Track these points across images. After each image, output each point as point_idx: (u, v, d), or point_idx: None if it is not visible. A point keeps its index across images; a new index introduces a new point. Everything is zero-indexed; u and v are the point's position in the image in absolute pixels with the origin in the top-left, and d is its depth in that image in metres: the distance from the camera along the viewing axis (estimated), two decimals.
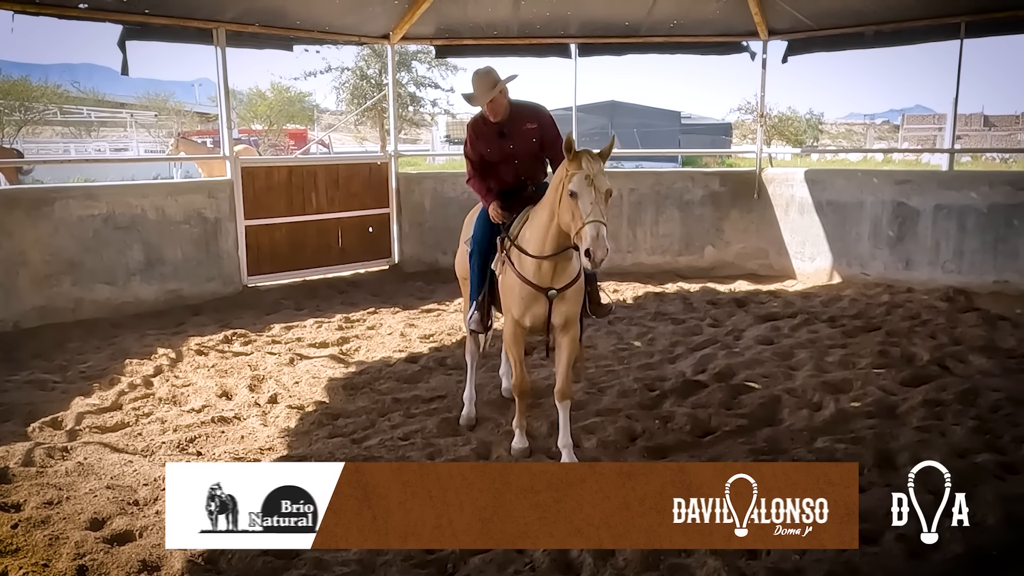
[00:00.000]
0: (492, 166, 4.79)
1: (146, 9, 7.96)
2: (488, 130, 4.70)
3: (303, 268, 9.53)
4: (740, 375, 5.94)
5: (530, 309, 4.40)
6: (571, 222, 3.91)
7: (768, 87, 10.27)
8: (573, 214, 3.88)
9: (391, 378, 6.14)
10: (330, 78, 30.14)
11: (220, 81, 8.75)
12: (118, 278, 8.09)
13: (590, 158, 3.93)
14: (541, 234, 4.22)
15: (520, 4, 9.47)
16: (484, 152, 4.75)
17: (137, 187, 9.30)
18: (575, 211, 3.86)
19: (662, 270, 10.20)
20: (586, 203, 3.82)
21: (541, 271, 4.28)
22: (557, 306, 4.37)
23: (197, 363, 6.53)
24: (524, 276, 4.33)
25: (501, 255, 4.54)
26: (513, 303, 4.44)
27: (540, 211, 4.27)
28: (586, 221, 3.79)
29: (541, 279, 4.30)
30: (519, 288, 4.37)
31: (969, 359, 6.20)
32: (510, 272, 4.44)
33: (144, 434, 5.03)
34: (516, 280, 4.38)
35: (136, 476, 4.34)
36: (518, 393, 4.67)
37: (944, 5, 8.60)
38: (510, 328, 4.53)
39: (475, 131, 4.77)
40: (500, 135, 4.66)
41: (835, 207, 9.60)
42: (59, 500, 4.03)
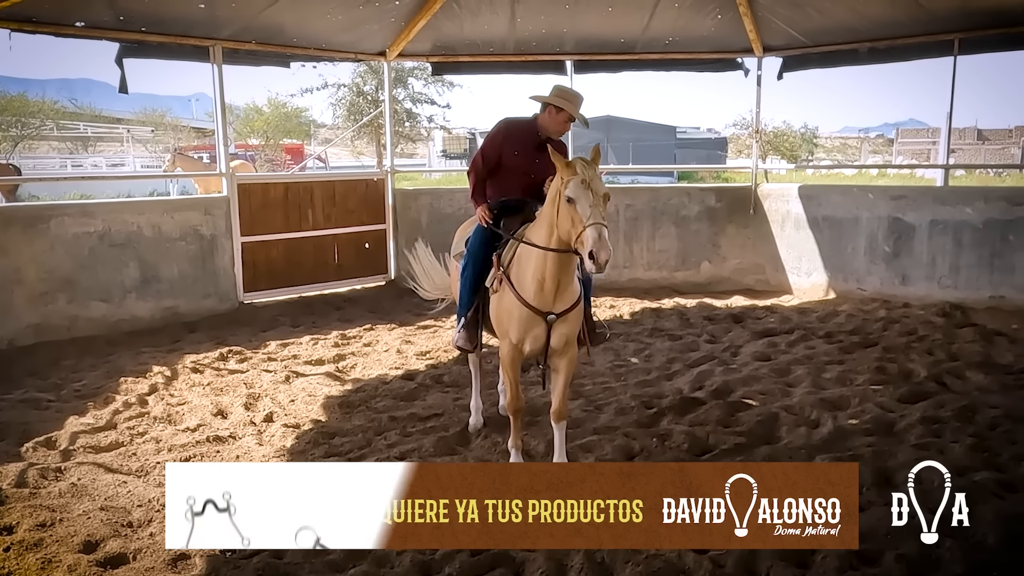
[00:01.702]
0: (504, 172, 4.70)
1: (143, 27, 7.97)
2: (529, 139, 4.61)
3: (299, 284, 9.51)
4: (738, 392, 5.93)
5: (530, 333, 4.32)
6: (571, 228, 3.86)
7: (763, 102, 10.31)
8: (573, 220, 3.84)
9: (387, 396, 6.11)
10: (327, 94, 30.18)
11: (217, 98, 8.75)
12: (114, 295, 8.06)
13: (584, 163, 3.91)
14: (542, 247, 4.13)
15: (516, 21, 9.51)
16: (511, 155, 4.64)
17: (133, 204, 9.31)
18: (574, 216, 3.82)
19: (659, 286, 10.20)
20: (584, 206, 3.80)
21: (543, 293, 4.20)
22: (557, 328, 4.30)
23: (192, 381, 6.50)
24: (524, 299, 4.24)
25: (498, 272, 4.43)
26: (512, 326, 4.34)
27: (537, 229, 4.20)
28: (587, 224, 3.76)
29: (543, 302, 4.22)
30: (518, 311, 4.27)
31: (967, 375, 6.20)
32: (508, 293, 4.33)
33: (139, 454, 4.99)
34: (515, 303, 4.28)
35: (130, 497, 4.30)
36: (513, 412, 4.62)
37: (937, 22, 8.64)
38: (507, 351, 4.44)
39: (510, 134, 4.66)
40: (539, 148, 4.52)
41: (831, 222, 9.61)
42: (52, 522, 3.99)
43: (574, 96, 4.57)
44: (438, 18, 9.35)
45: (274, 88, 53.58)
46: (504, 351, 4.48)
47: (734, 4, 9.07)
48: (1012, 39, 8.58)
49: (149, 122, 39.28)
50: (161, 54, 8.41)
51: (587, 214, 3.78)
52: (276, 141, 35.67)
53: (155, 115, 39.67)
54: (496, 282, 4.45)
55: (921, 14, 8.48)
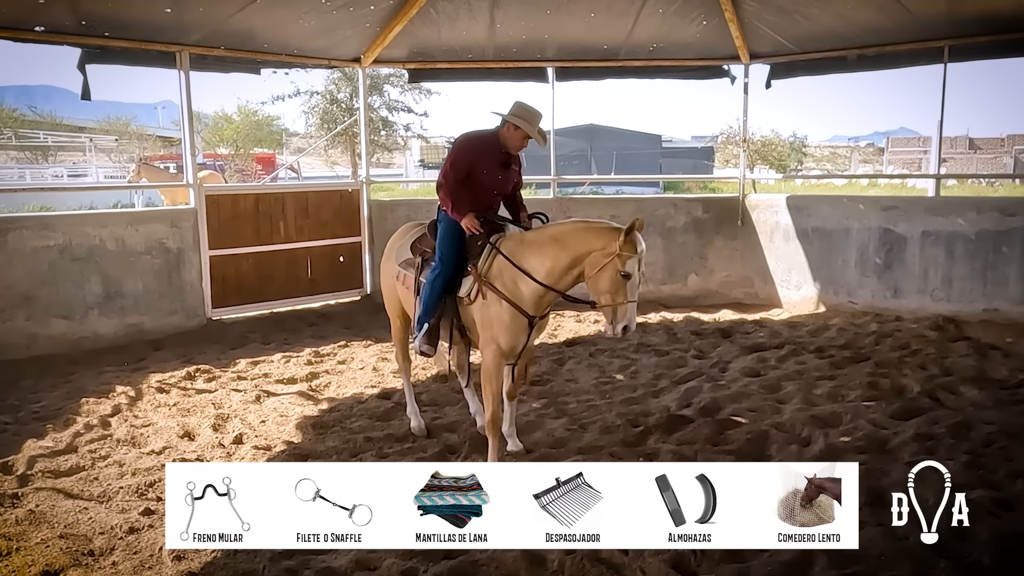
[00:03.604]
0: (471, 188, 4.88)
1: (106, 32, 7.94)
2: (495, 156, 4.89)
3: (271, 300, 9.46)
4: (726, 409, 5.95)
5: (519, 338, 4.70)
6: (610, 294, 4.35)
7: (751, 110, 10.41)
8: (617, 291, 4.34)
9: (363, 416, 6.08)
10: (299, 102, 30.14)
11: (183, 106, 8.72)
12: (75, 312, 7.98)
13: (641, 241, 4.35)
14: (555, 274, 4.54)
15: (496, 27, 9.55)
16: (480, 173, 4.87)
17: (96, 216, 9.24)
18: (621, 289, 4.33)
19: (644, 299, 10.04)
20: (633, 287, 4.34)
21: (542, 301, 4.64)
22: (536, 330, 4.82)
23: (158, 401, 6.44)
24: (521, 306, 4.61)
25: (474, 283, 4.70)
26: (502, 334, 4.66)
27: (556, 252, 4.52)
28: (629, 300, 4.34)
29: (539, 309, 4.66)
30: (511, 318, 4.63)
31: (960, 390, 6.26)
32: (496, 302, 4.64)
33: (100, 479, 4.93)
34: (508, 310, 4.62)
35: (91, 524, 4.25)
36: (494, 429, 4.84)
37: (927, 29, 8.77)
38: (495, 359, 4.72)
39: (478, 150, 4.90)
40: (504, 165, 4.91)
41: (821, 234, 9.70)
42: (8, 551, 3.92)
43: (533, 115, 4.82)
44: (415, 24, 9.37)
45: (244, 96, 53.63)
46: (490, 359, 4.74)
47: (720, 10, 9.17)
48: (1003, 46, 8.71)
49: (113, 131, 39.07)
50: (125, 60, 8.39)
51: (633, 294, 4.35)
52: (246, 150, 35.56)
53: (119, 123, 39.49)
54: (475, 292, 4.71)
55: (909, 20, 8.60)
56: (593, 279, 4.41)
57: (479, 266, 4.73)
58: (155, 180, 18.03)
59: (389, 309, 5.80)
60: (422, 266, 5.12)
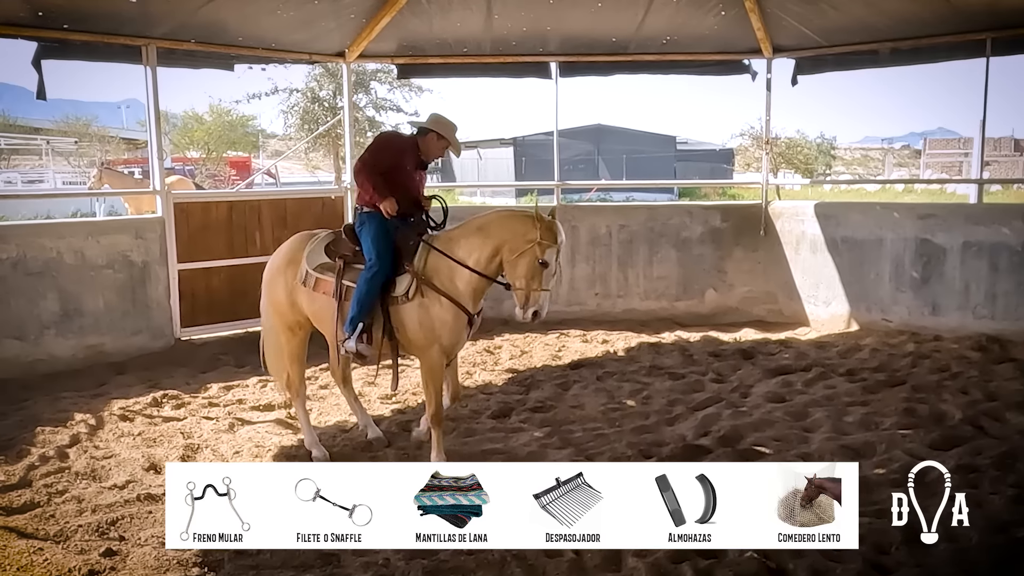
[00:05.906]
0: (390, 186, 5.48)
1: (65, 24, 7.96)
2: (413, 159, 5.66)
3: (245, 318, 9.41)
4: (748, 439, 5.95)
5: (460, 335, 5.38)
6: (526, 280, 4.99)
7: (774, 109, 10.45)
8: (533, 277, 4.98)
9: (347, 446, 6.09)
10: (277, 100, 30.35)
11: (150, 105, 8.74)
12: (29, 332, 7.99)
13: (561, 232, 5.01)
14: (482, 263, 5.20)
15: (493, 18, 9.59)
16: (399, 172, 5.56)
17: (52, 226, 9.28)
18: (537, 277, 4.97)
19: (657, 317, 10.25)
20: (549, 275, 4.99)
21: (474, 296, 5.29)
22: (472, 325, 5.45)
23: (120, 431, 6.44)
24: (461, 303, 5.24)
25: (412, 281, 5.27)
26: (444, 332, 5.30)
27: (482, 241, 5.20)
28: (544, 288, 4.99)
29: (475, 302, 5.31)
30: (453, 316, 5.26)
31: (1006, 417, 6.26)
32: (437, 302, 5.25)
33: (57, 516, 4.92)
34: (450, 308, 5.24)
35: (47, 567, 4.24)
36: (439, 424, 5.45)
37: (967, 21, 8.77)
38: (438, 358, 5.36)
39: (401, 149, 5.66)
40: (420, 167, 5.74)
41: (851, 245, 9.73)
42: None
43: (453, 127, 5.67)
44: (404, 15, 9.41)
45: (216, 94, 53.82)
46: (434, 359, 5.36)
47: (740, 0, 9.21)
48: None
49: (72, 132, 39.20)
50: (86, 55, 8.42)
51: (548, 282, 5.01)
52: (219, 154, 35.71)
53: (79, 124, 39.64)
54: (413, 290, 5.28)
55: (948, 11, 8.61)
56: (512, 263, 5.06)
57: (415, 263, 5.30)
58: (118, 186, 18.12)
59: (278, 325, 5.97)
60: (344, 269, 5.49)
